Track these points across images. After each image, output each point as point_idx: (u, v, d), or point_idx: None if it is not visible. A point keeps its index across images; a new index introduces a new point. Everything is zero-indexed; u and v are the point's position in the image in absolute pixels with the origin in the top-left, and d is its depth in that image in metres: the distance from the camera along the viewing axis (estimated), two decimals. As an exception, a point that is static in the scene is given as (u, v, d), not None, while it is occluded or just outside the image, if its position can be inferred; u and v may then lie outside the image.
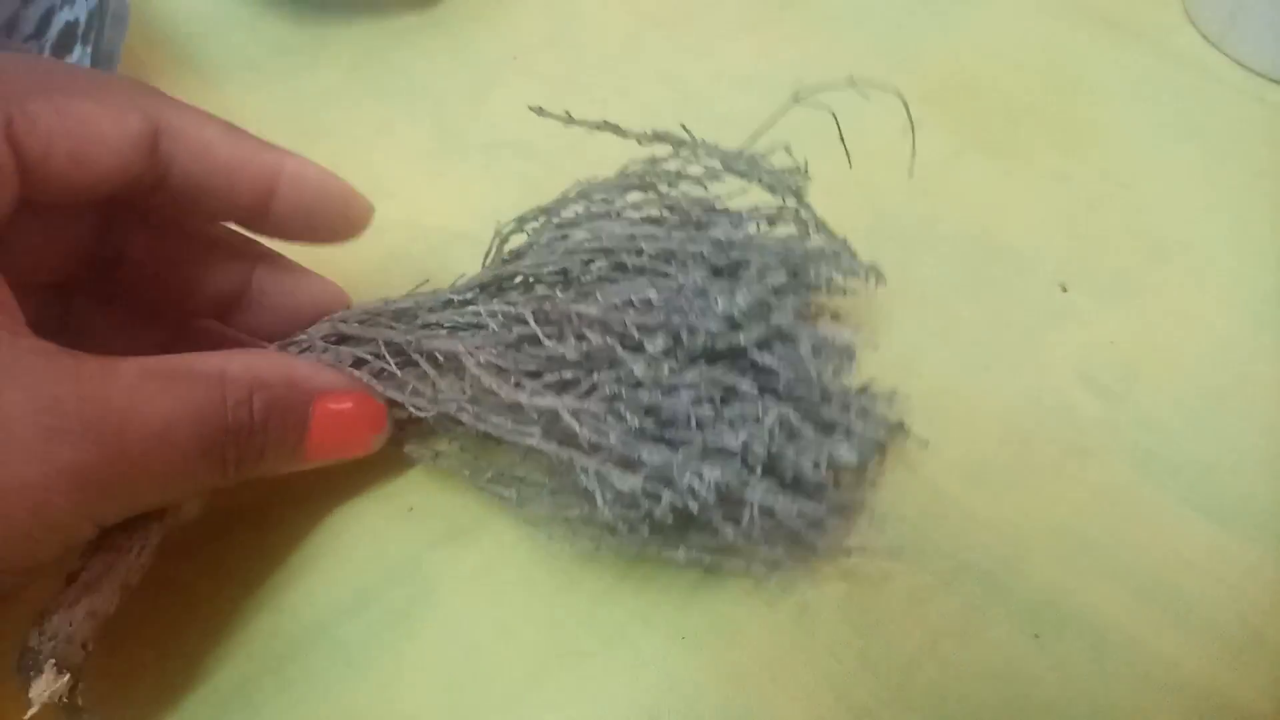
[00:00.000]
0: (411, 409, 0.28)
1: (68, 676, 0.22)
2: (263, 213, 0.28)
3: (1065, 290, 0.35)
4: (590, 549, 0.28)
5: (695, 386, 0.26)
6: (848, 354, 0.28)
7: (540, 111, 0.29)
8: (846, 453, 0.26)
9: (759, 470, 0.26)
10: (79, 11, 0.39)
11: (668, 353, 0.26)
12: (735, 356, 0.27)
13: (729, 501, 0.26)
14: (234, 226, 0.29)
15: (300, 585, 0.28)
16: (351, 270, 0.35)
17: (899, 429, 0.29)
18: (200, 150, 0.26)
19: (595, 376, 0.26)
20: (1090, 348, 0.33)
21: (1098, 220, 0.37)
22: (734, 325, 0.26)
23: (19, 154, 0.23)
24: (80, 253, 0.27)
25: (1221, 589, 0.28)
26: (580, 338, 0.26)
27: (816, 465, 0.26)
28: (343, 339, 0.29)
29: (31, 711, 0.21)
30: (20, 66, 0.26)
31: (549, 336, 0.27)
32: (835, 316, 0.30)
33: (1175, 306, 0.34)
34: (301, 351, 0.29)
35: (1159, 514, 0.29)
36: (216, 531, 0.29)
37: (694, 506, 0.25)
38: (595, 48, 0.44)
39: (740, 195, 0.29)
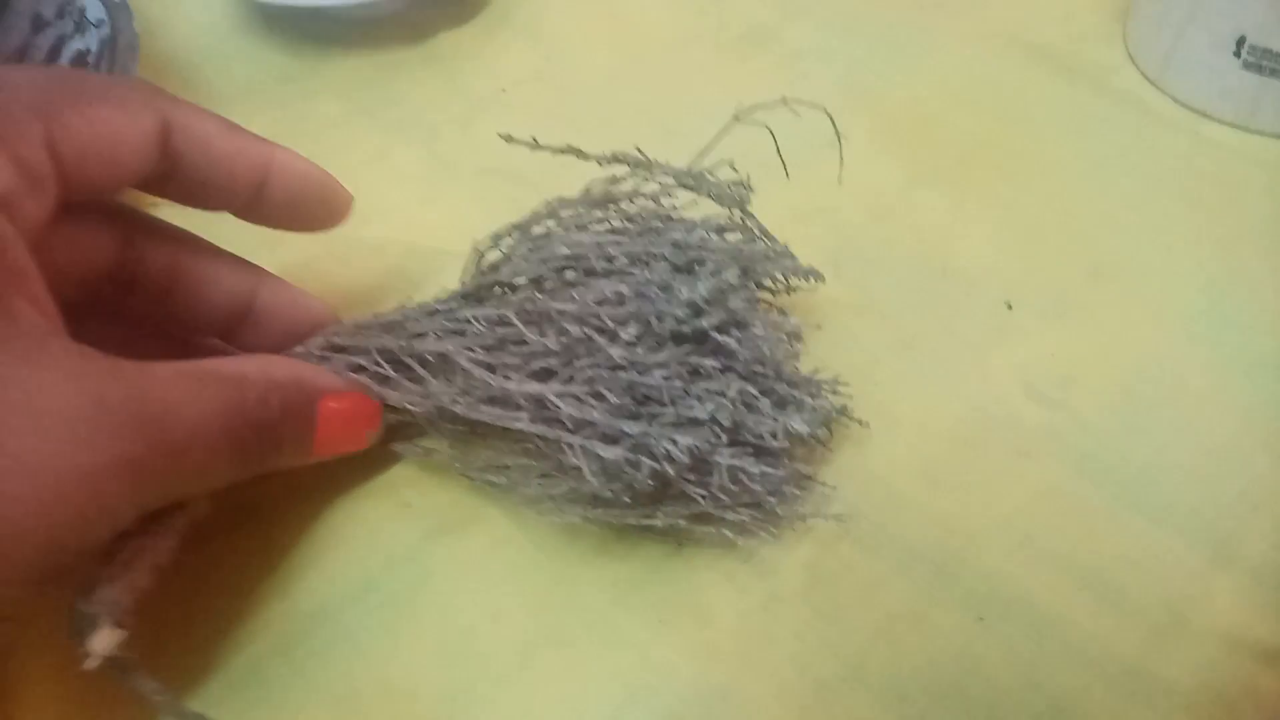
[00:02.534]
0: (406, 405, 0.30)
1: (124, 632, 0.23)
2: (256, 201, 0.29)
3: (1010, 308, 0.37)
4: (577, 521, 0.29)
5: (666, 366, 0.28)
6: (795, 336, 0.32)
7: (509, 139, 0.32)
8: (799, 424, 0.29)
9: (724, 438, 0.28)
10: (90, 41, 0.40)
11: (640, 339, 0.28)
12: (699, 340, 0.29)
13: (699, 469, 0.28)
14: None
15: (307, 574, 0.30)
16: (350, 286, 0.37)
17: (841, 410, 0.32)
18: (203, 143, 0.28)
19: (575, 364, 0.28)
20: (1033, 360, 0.35)
21: (1041, 244, 0.39)
22: (697, 311, 0.29)
23: (57, 162, 0.25)
24: (100, 272, 0.29)
25: (1150, 578, 0.30)
26: (560, 332, 0.29)
27: (774, 434, 0.29)
28: (337, 349, 0.31)
29: (91, 663, 0.23)
30: (48, 78, 0.27)
31: (531, 332, 0.29)
32: (782, 311, 0.33)
33: (1111, 323, 0.36)
34: None
35: (1095, 511, 0.31)
36: (229, 525, 0.31)
37: (670, 470, 0.27)
38: (579, 82, 0.46)
39: (691, 207, 0.32)
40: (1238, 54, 0.42)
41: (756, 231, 0.33)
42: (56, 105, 0.25)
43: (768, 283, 0.33)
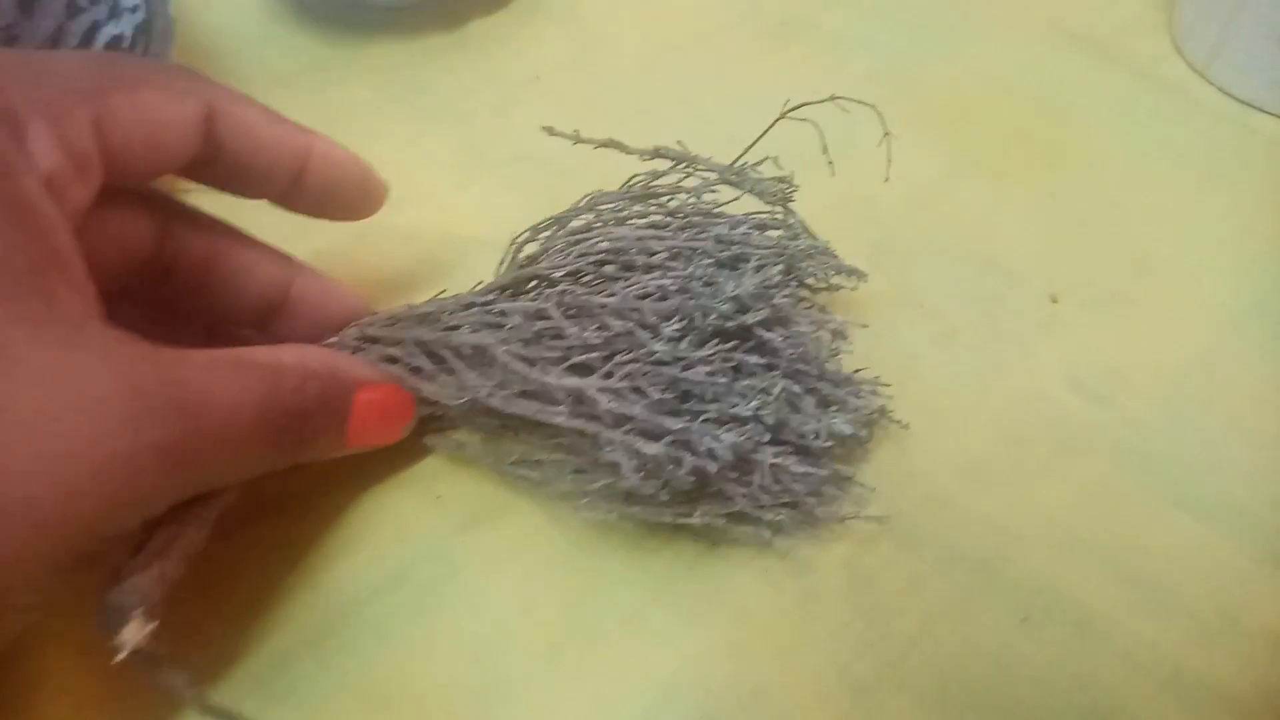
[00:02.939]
0: (441, 398, 0.29)
1: (154, 623, 0.23)
2: (294, 189, 0.29)
3: (1055, 301, 0.36)
4: (612, 517, 0.29)
5: (709, 362, 0.28)
6: (840, 334, 0.31)
7: (551, 131, 0.31)
8: (843, 424, 0.29)
9: (767, 436, 0.28)
10: (125, 26, 0.40)
11: (682, 335, 0.28)
12: (742, 338, 0.29)
13: (739, 467, 0.28)
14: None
15: (336, 567, 0.30)
16: (381, 273, 0.37)
17: (882, 411, 0.31)
18: (246, 130, 0.28)
19: (616, 359, 0.28)
20: (1078, 354, 0.34)
21: (1086, 236, 0.38)
22: (741, 308, 0.28)
23: (103, 146, 0.25)
24: (138, 260, 0.29)
25: (1198, 577, 0.29)
26: (601, 326, 0.28)
27: (817, 434, 0.29)
28: (371, 341, 0.30)
29: (121, 655, 0.22)
30: (96, 61, 0.28)
31: (571, 326, 0.28)
32: (823, 309, 0.32)
33: (1158, 317, 0.36)
34: None
35: (1141, 508, 0.31)
36: (257, 516, 0.30)
37: (712, 467, 0.27)
38: (613, 69, 0.46)
39: (733, 203, 0.32)
40: (1289, 43, 0.41)
41: (800, 229, 0.32)
42: (104, 89, 0.25)
43: (810, 280, 0.33)
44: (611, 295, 0.29)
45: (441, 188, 0.41)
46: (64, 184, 0.24)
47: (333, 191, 0.30)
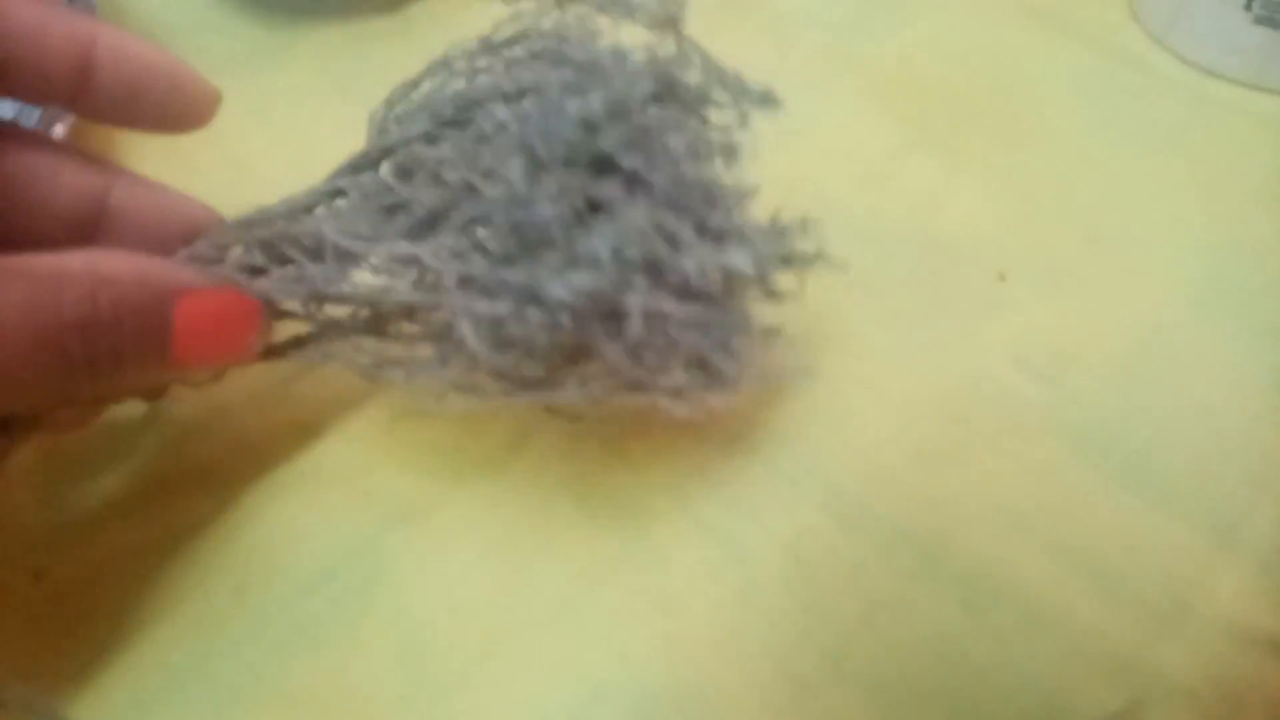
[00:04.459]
0: (280, 296, 0.27)
1: None
2: (83, 89, 0.26)
3: (1003, 279, 0.35)
4: (479, 407, 0.26)
5: (556, 197, 0.23)
6: (730, 152, 0.25)
7: None
8: (740, 259, 0.23)
9: (639, 279, 0.23)
10: None
11: (528, 176, 0.23)
12: (602, 171, 0.24)
13: (611, 321, 0.23)
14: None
15: (259, 564, 0.29)
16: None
17: (814, 256, 0.26)
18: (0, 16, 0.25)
19: (454, 215, 0.24)
20: (1026, 333, 0.34)
21: (1036, 212, 0.38)
22: (592, 128, 0.23)
23: None
24: None
25: (1149, 563, 0.28)
26: (438, 183, 0.25)
27: (701, 271, 0.23)
28: (223, 250, 0.27)
29: None
30: None
31: (406, 189, 0.25)
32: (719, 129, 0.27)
33: (1110, 294, 0.35)
34: None
35: (1090, 492, 0.30)
36: (174, 512, 0.29)
37: (566, 320, 0.23)
38: (557, 49, 0.45)
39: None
40: (1249, 7, 0.40)
41: (696, 55, 0.27)
42: None
43: (710, 112, 0.27)
44: (446, 144, 0.25)
45: (381, 172, 0.40)
46: None
47: (137, 93, 0.27)
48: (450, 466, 0.30)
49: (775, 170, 0.32)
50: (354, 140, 0.41)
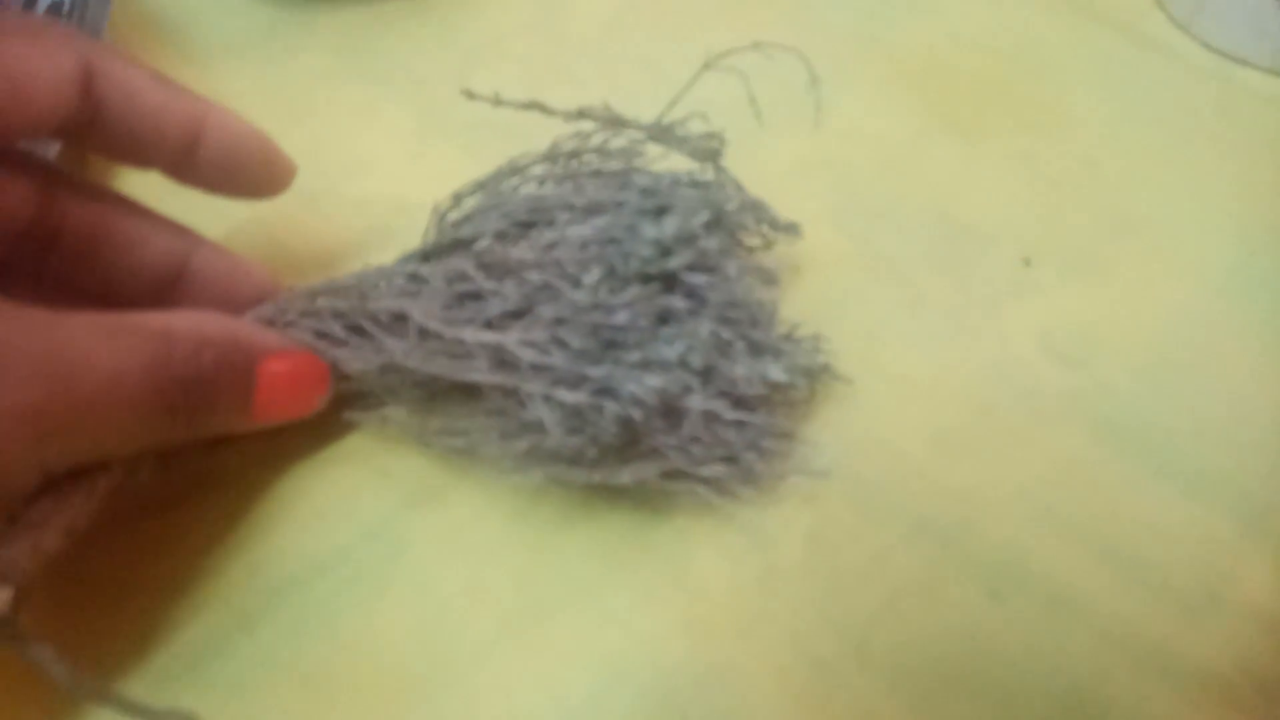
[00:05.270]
0: (358, 366, 0.28)
1: (12, 590, 0.22)
2: (190, 160, 0.28)
3: (1029, 264, 0.35)
4: (539, 481, 0.28)
5: (631, 305, 0.27)
6: (771, 279, 0.30)
7: (471, 95, 0.31)
8: (776, 371, 0.28)
9: (696, 382, 0.27)
10: None
11: (604, 284, 0.27)
12: (668, 285, 0.28)
13: (669, 419, 0.27)
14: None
15: (275, 543, 0.29)
16: (334, 243, 0.36)
17: (824, 369, 0.30)
18: (130, 92, 0.27)
19: (536, 312, 0.27)
20: (1052, 319, 0.33)
21: (1062, 197, 0.37)
22: (664, 251, 0.27)
23: None
24: (17, 227, 0.27)
25: (1179, 551, 0.28)
26: (520, 282, 0.27)
27: (749, 381, 0.27)
28: (286, 314, 0.29)
29: None
30: None
31: (489, 284, 0.27)
32: (754, 256, 0.31)
33: (1136, 280, 0.34)
34: None
35: (1118, 479, 0.29)
36: (192, 492, 0.29)
37: (637, 414, 0.26)
38: (575, 32, 0.44)
39: (663, 160, 0.31)
40: (1275, -6, 0.39)
41: (729, 183, 0.31)
42: None
43: (743, 235, 0.31)
44: (530, 249, 0.28)
45: (398, 155, 0.39)
46: None
47: (232, 165, 0.29)
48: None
49: (801, 154, 0.32)
50: (370, 123, 0.41)
